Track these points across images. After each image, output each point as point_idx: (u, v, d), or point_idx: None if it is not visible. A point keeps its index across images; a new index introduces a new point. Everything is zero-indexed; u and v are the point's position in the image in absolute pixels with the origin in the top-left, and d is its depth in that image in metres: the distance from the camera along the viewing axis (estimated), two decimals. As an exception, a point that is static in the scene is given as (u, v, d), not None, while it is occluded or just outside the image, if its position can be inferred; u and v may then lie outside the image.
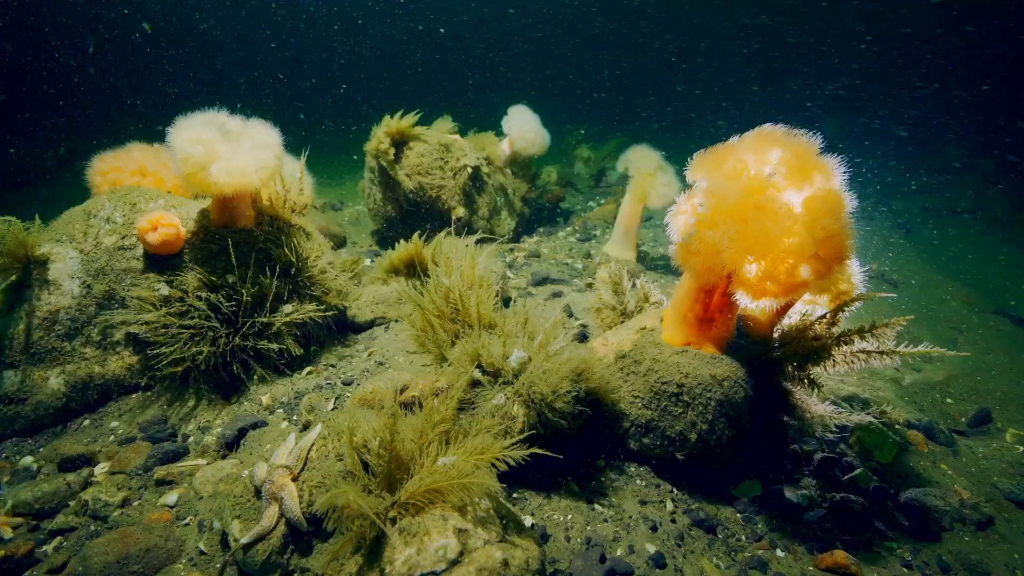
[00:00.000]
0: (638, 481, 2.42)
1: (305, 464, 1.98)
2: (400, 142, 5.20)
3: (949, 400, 3.40)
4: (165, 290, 2.72)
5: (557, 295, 4.40)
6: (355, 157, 5.13)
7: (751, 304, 1.96)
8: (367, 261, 5.14)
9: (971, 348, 4.13)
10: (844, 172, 1.96)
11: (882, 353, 2.27)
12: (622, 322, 3.16)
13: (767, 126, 2.03)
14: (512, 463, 1.77)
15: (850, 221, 1.91)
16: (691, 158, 2.09)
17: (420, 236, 3.88)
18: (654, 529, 2.18)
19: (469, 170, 5.39)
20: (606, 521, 2.19)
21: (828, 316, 2.37)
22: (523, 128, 6.07)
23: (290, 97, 18.31)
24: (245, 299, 2.82)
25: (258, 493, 1.97)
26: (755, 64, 23.32)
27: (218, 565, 1.91)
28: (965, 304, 5.06)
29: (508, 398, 2.30)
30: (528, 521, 2.14)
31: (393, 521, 1.66)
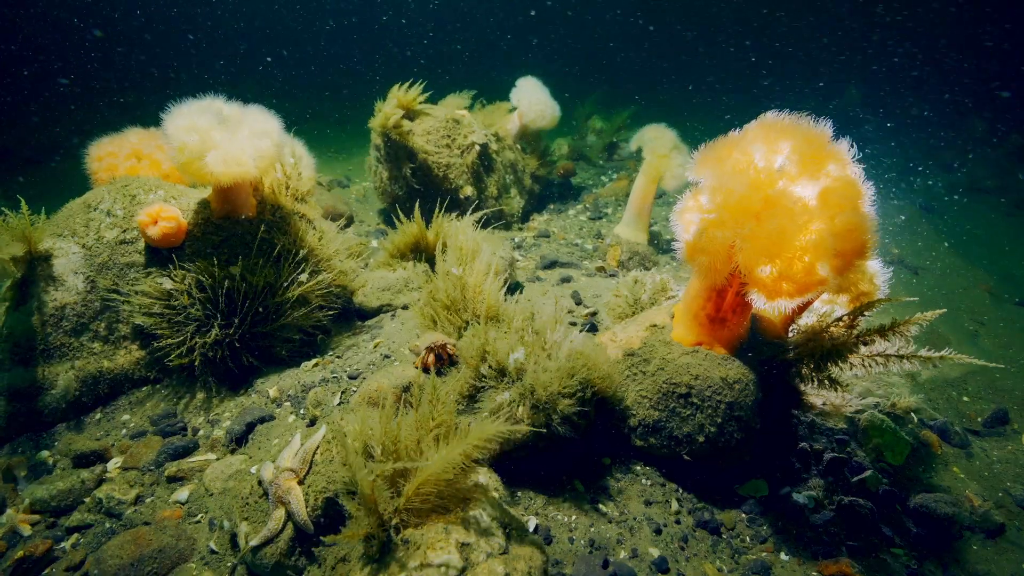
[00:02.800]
0: (644, 480, 2.42)
1: (310, 467, 2.00)
2: (405, 117, 5.04)
3: (966, 398, 3.32)
4: (168, 284, 2.70)
5: (566, 280, 4.33)
6: (364, 128, 4.98)
7: (766, 305, 1.89)
8: (373, 242, 5.08)
9: (992, 342, 4.02)
10: (860, 157, 1.83)
11: (901, 357, 2.19)
12: (634, 313, 3.10)
13: (770, 114, 1.89)
14: (500, 450, 1.74)
15: (870, 212, 1.80)
16: (692, 155, 1.97)
17: (424, 218, 3.80)
18: (658, 532, 2.19)
19: (477, 148, 5.24)
20: (610, 522, 2.20)
21: (847, 318, 2.29)
22: (532, 100, 5.85)
23: (297, 68, 17.85)
24: (249, 290, 2.80)
25: (266, 493, 2.00)
26: (777, 30, 22.16)
27: (229, 564, 1.96)
28: (987, 293, 4.90)
29: (513, 399, 2.28)
30: (532, 522, 2.15)
31: (396, 529, 1.67)
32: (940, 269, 5.37)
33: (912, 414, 2.94)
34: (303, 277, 2.96)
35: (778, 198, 1.65)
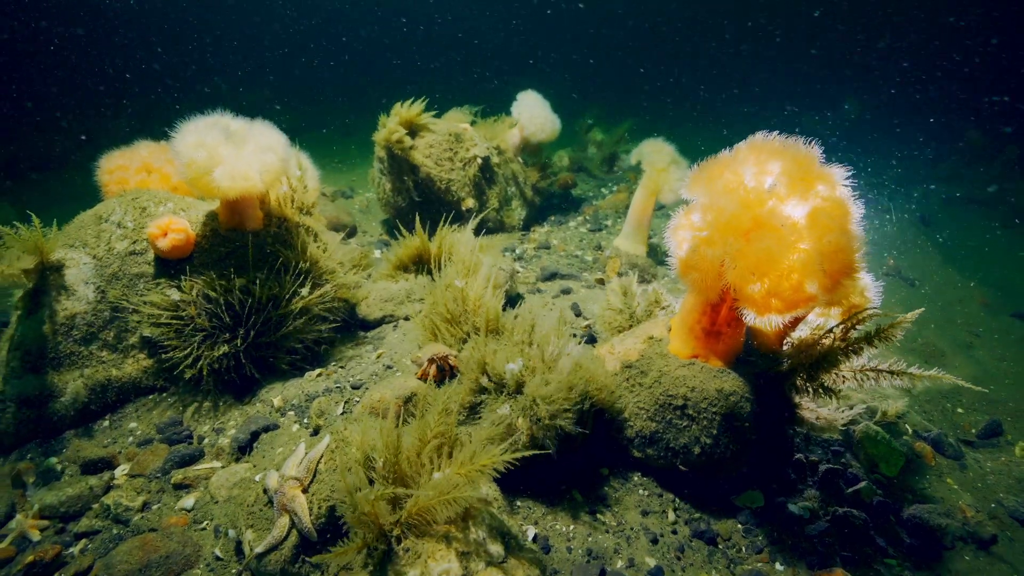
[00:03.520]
0: (641, 491, 2.46)
1: (314, 476, 2.04)
2: (409, 132, 5.14)
3: (960, 410, 3.37)
4: (176, 295, 2.76)
5: (566, 291, 4.39)
6: (369, 140, 5.08)
7: (756, 320, 1.94)
8: (376, 253, 5.15)
9: (987, 354, 4.06)
10: (857, 167, 1.89)
11: (892, 372, 2.25)
12: (630, 326, 3.16)
13: (759, 135, 1.96)
14: (505, 469, 1.77)
15: (858, 232, 1.86)
16: (690, 170, 2.04)
17: (425, 229, 3.87)
18: (655, 541, 2.23)
19: (479, 161, 5.33)
20: (608, 532, 2.24)
21: (839, 330, 2.34)
22: (533, 113, 5.96)
23: (301, 78, 18.09)
24: (254, 302, 2.86)
25: (271, 501, 2.04)
26: (774, 41, 22.42)
27: (233, 571, 2.00)
28: (982, 305, 4.95)
29: (513, 410, 2.33)
30: (531, 532, 2.19)
31: (398, 540, 1.72)
32: (936, 281, 5.43)
33: (907, 425, 2.98)
34: (304, 291, 3.02)
35: (767, 218, 1.71)
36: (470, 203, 5.29)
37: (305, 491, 1.99)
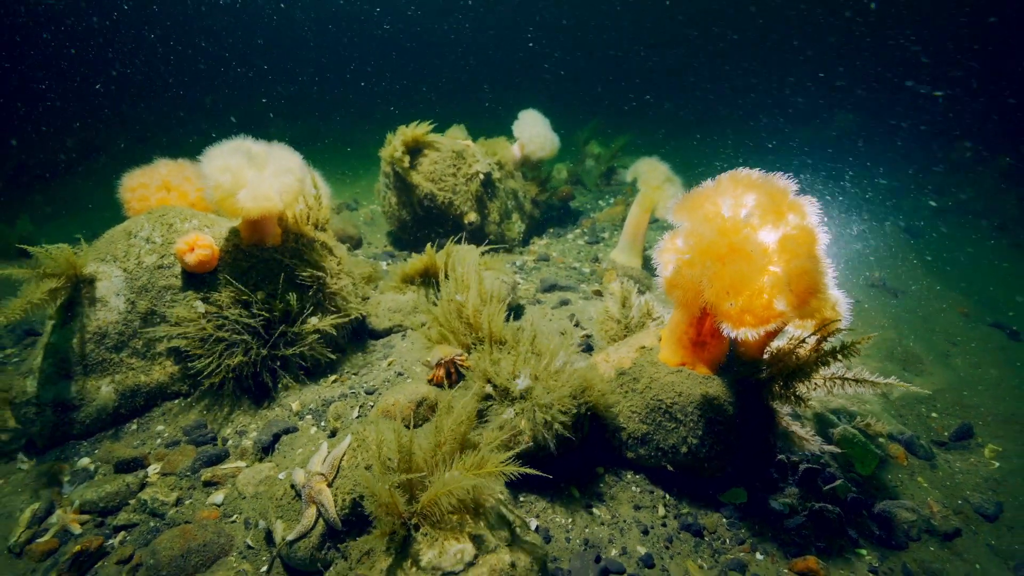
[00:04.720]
0: (633, 488, 2.66)
1: (338, 472, 2.24)
2: (415, 149, 5.38)
3: (934, 414, 3.58)
4: (201, 307, 2.97)
5: (564, 303, 4.60)
6: (372, 152, 5.30)
7: (733, 333, 2.16)
8: (383, 265, 5.37)
9: (964, 361, 4.28)
10: (819, 210, 2.13)
11: (857, 381, 2.47)
12: (624, 336, 3.38)
13: (741, 169, 2.19)
14: (513, 477, 1.98)
15: (823, 257, 2.08)
16: (683, 187, 2.27)
17: (432, 244, 4.09)
18: (645, 532, 2.43)
19: (481, 176, 5.57)
20: (603, 524, 2.44)
21: (812, 343, 2.56)
22: (533, 132, 6.22)
23: (304, 88, 18.39)
24: (274, 314, 3.07)
25: (298, 495, 2.24)
26: (766, 55, 22.87)
27: (264, 558, 2.19)
28: (962, 315, 5.19)
29: (517, 413, 2.54)
30: (533, 524, 2.39)
31: (416, 527, 1.92)
32: (919, 292, 5.66)
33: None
34: (314, 319, 3.23)
35: (741, 244, 1.94)
36: (472, 217, 5.52)
37: (330, 485, 2.19)
